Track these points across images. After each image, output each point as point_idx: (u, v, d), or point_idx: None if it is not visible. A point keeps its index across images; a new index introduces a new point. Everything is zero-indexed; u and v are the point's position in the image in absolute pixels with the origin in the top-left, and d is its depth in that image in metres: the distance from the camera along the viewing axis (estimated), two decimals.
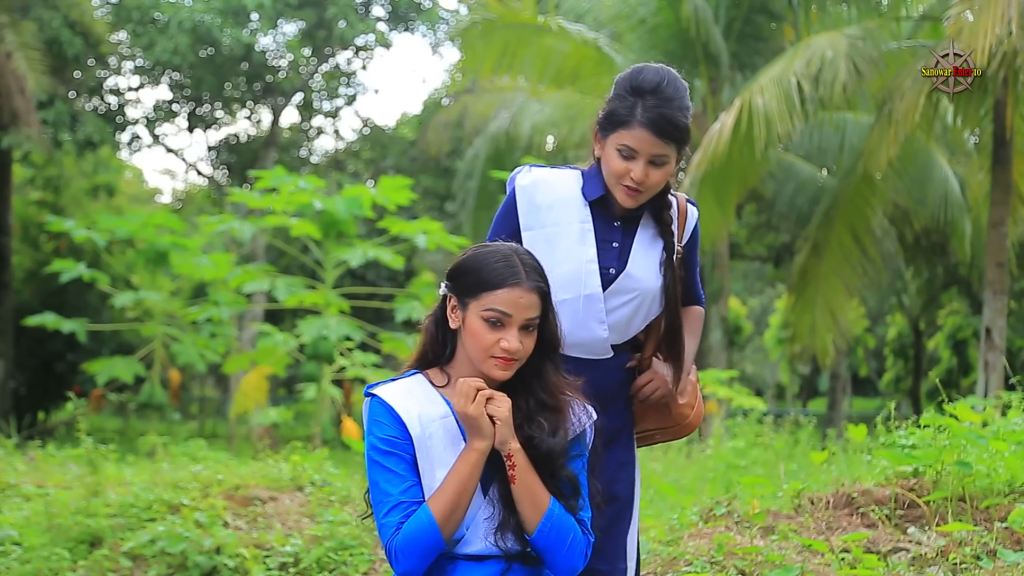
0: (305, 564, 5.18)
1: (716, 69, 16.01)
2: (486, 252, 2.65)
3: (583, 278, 2.99)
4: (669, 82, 2.94)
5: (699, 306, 3.30)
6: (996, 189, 11.37)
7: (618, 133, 2.94)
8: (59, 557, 5.28)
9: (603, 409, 3.02)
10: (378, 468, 2.60)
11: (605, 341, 3.03)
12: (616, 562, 3.06)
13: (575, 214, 3.04)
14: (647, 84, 2.92)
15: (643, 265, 3.04)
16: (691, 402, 3.19)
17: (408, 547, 2.53)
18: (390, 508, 2.56)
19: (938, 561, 4.13)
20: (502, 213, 3.12)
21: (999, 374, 10.98)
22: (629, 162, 2.93)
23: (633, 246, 3.05)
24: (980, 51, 8.86)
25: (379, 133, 29.91)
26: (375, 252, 13.32)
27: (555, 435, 2.64)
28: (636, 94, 2.92)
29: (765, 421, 11.21)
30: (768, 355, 35.73)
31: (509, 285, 2.59)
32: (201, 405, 34.64)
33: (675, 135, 2.92)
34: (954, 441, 4.80)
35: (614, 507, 3.04)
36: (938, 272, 23.16)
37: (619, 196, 2.98)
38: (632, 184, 2.94)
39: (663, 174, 2.96)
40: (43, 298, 20.68)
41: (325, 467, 6.77)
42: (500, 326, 2.59)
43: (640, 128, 2.90)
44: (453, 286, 2.67)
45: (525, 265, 2.63)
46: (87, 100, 23.96)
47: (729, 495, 5.46)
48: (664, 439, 3.27)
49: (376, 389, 2.69)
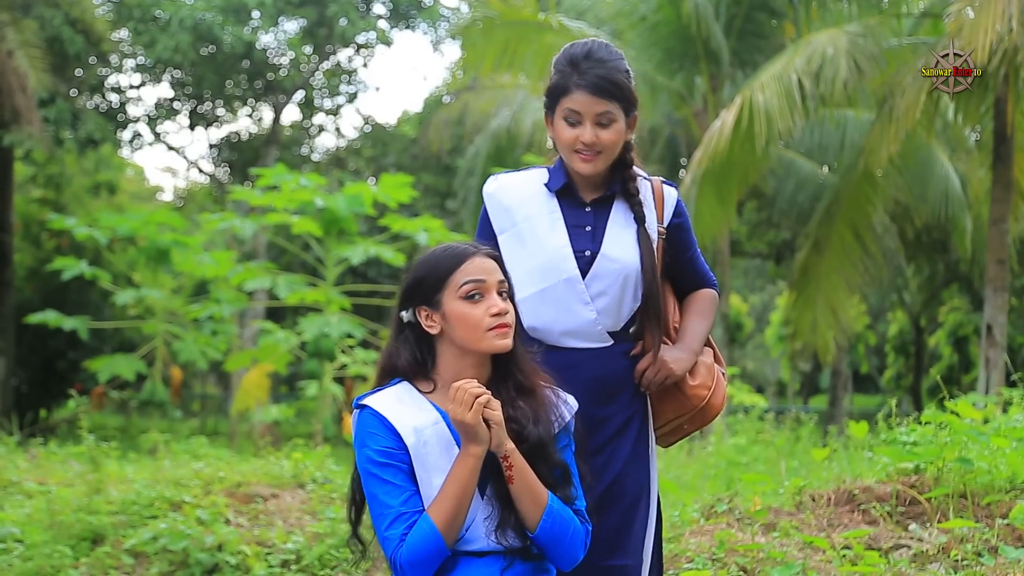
0: (307, 561, 5.18)
1: (717, 66, 16.00)
2: (426, 255, 2.73)
3: (558, 263, 3.00)
4: (599, 47, 3.02)
5: (709, 288, 3.27)
6: (997, 186, 11.37)
7: (561, 103, 3.00)
8: (61, 554, 5.29)
9: (610, 400, 3.02)
10: (375, 481, 2.61)
11: (595, 323, 3.02)
12: (633, 557, 3.03)
13: (542, 206, 3.07)
14: (579, 53, 3.00)
15: (619, 244, 3.04)
16: (706, 383, 3.14)
17: (413, 559, 2.53)
18: (391, 521, 2.56)
19: (939, 558, 4.14)
20: (480, 225, 3.17)
21: (1000, 371, 10.98)
22: (576, 128, 2.98)
23: (607, 227, 3.06)
24: (981, 48, 8.86)
25: (380, 131, 29.90)
26: (376, 250, 13.33)
27: (538, 423, 2.66)
28: (571, 64, 3.00)
29: (766, 418, 11.22)
30: (769, 352, 35.75)
31: (467, 258, 2.66)
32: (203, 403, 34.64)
33: (614, 91, 2.97)
34: (955, 438, 4.80)
35: (627, 501, 3.02)
36: (939, 269, 23.16)
37: (576, 165, 3.02)
38: (583, 148, 2.99)
39: (612, 133, 2.99)
40: (45, 296, 20.68)
41: (327, 464, 6.78)
42: (480, 297, 2.63)
43: (579, 91, 2.97)
44: (417, 300, 2.69)
45: (466, 243, 2.71)
46: (88, 98, 23.97)
47: (730, 492, 5.47)
48: (692, 427, 3.21)
49: (366, 400, 2.69)
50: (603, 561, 2.90)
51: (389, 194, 13.57)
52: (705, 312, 3.23)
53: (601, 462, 2.94)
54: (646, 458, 3.12)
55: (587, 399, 2.93)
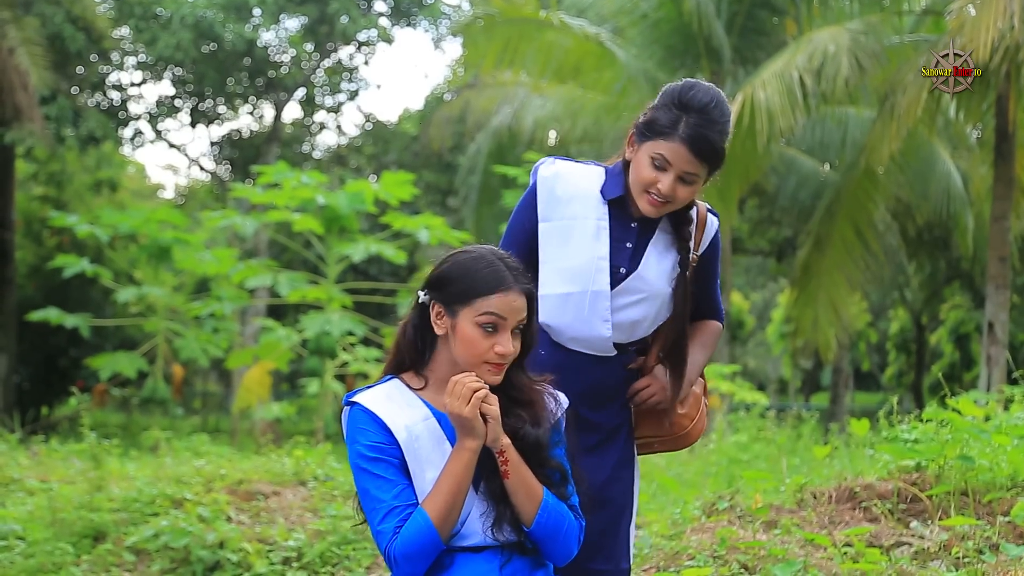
0: (308, 559, 5.19)
1: (718, 64, 16.00)
2: (471, 258, 2.65)
3: (592, 274, 2.98)
4: (717, 104, 2.91)
5: (716, 321, 3.26)
6: (998, 183, 11.37)
7: (655, 142, 2.91)
8: (62, 551, 5.29)
9: (601, 406, 3.03)
10: (367, 475, 2.61)
11: (607, 340, 3.02)
12: (618, 561, 3.05)
13: (592, 210, 3.03)
14: (696, 102, 2.89)
15: (655, 269, 3.02)
16: (691, 414, 3.15)
17: (408, 552, 2.53)
18: (385, 514, 2.57)
19: (941, 555, 4.14)
20: (523, 203, 3.11)
21: (1001, 368, 10.98)
22: (660, 172, 2.91)
23: (648, 249, 3.03)
24: (982, 46, 8.86)
25: (381, 128, 29.89)
26: (377, 247, 13.34)
27: (536, 425, 2.65)
28: (682, 108, 2.89)
29: (767, 416, 11.22)
30: (770, 350, 35.74)
31: (502, 290, 2.58)
32: (204, 400, 34.66)
33: (711, 157, 2.90)
34: (956, 435, 4.80)
35: (614, 506, 3.04)
36: (940, 266, 23.14)
37: (642, 204, 2.96)
38: (658, 196, 2.92)
39: (690, 192, 2.94)
40: (46, 293, 20.69)
41: (328, 462, 6.78)
42: (494, 331, 2.59)
43: (679, 143, 2.87)
44: (439, 295, 2.66)
45: (511, 269, 2.63)
46: (89, 96, 23.97)
47: (732, 489, 5.46)
48: (662, 448, 3.22)
49: (356, 397, 2.68)
50: (586, 564, 2.90)
51: (390, 192, 13.57)
52: (708, 344, 3.22)
53: (588, 465, 2.92)
54: (631, 467, 3.13)
55: (580, 402, 2.94)
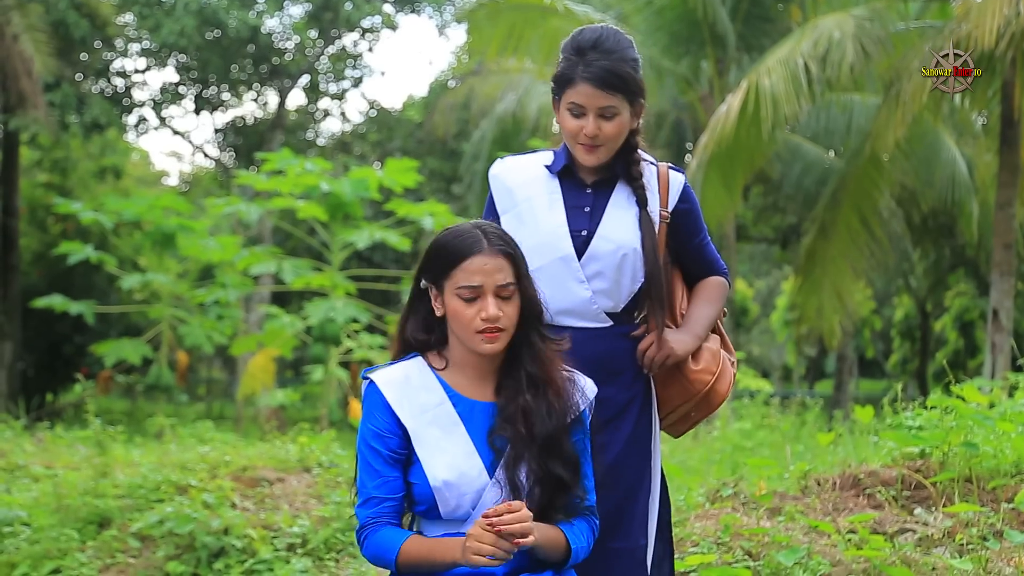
0: (312, 545, 5.20)
1: (723, 50, 15.96)
2: (449, 232, 2.67)
3: (554, 242, 3.01)
4: (608, 36, 2.99)
5: (719, 276, 3.26)
6: (1004, 170, 11.34)
7: (566, 93, 2.99)
8: (68, 538, 5.31)
9: (609, 381, 2.99)
10: (361, 457, 2.67)
11: (590, 302, 3.02)
12: (636, 539, 3.02)
13: (543, 187, 3.09)
14: (586, 41, 2.98)
15: (617, 225, 3.04)
16: (710, 368, 3.11)
17: (370, 554, 2.63)
18: (364, 500, 2.64)
19: (944, 542, 4.14)
20: (486, 207, 3.19)
21: (1006, 355, 10.97)
22: (580, 119, 2.98)
23: (607, 208, 3.06)
24: (988, 31, 8.84)
25: (385, 115, 29.86)
26: (382, 234, 13.34)
27: (551, 417, 2.63)
28: (578, 53, 2.98)
29: (772, 403, 11.22)
30: (775, 337, 35.74)
31: (473, 254, 2.60)
32: (208, 387, 34.74)
33: (619, 85, 2.96)
34: (961, 422, 4.80)
35: (626, 484, 3.01)
36: (945, 254, 23.11)
37: (579, 155, 3.04)
38: (586, 140, 2.99)
39: (615, 126, 2.99)
40: (51, 280, 20.73)
41: (332, 448, 6.80)
42: (475, 299, 2.60)
43: (584, 83, 2.95)
44: (429, 276, 2.67)
45: (487, 233, 2.64)
46: (94, 82, 23.97)
47: (736, 476, 5.46)
48: (699, 415, 3.19)
49: (373, 373, 2.69)
50: (602, 544, 2.88)
51: (394, 179, 13.56)
52: (712, 298, 3.21)
53: (600, 443, 2.89)
54: (647, 443, 3.10)
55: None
